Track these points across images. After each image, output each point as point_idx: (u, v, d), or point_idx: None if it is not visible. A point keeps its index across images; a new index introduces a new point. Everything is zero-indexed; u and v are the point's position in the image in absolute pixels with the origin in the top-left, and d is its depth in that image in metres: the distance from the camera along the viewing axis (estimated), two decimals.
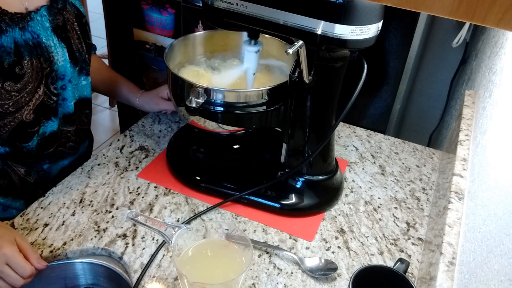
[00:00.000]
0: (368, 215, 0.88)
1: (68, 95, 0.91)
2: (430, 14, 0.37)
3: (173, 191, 0.90)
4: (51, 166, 0.96)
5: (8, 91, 0.79)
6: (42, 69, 0.83)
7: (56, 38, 0.85)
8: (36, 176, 0.94)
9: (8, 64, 0.77)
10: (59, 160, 0.97)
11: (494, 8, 0.34)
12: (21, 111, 0.82)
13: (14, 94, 0.80)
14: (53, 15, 0.85)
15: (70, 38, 0.89)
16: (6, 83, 0.78)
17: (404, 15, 1.28)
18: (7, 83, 0.78)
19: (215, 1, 0.75)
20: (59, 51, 0.86)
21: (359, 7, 0.65)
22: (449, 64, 1.54)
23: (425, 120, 1.69)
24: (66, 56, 0.87)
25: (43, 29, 0.83)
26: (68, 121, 0.94)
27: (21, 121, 0.83)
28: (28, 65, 0.80)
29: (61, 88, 0.89)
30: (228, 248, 0.70)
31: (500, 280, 0.45)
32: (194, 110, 0.77)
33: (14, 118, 0.82)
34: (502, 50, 0.89)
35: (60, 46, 0.86)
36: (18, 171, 0.90)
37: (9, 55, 0.77)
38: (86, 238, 0.79)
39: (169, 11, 1.93)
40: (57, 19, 0.86)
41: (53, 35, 0.85)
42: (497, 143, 0.67)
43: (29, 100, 0.83)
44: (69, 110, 0.93)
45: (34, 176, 0.93)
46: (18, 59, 0.78)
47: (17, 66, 0.78)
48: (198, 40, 0.98)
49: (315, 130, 0.83)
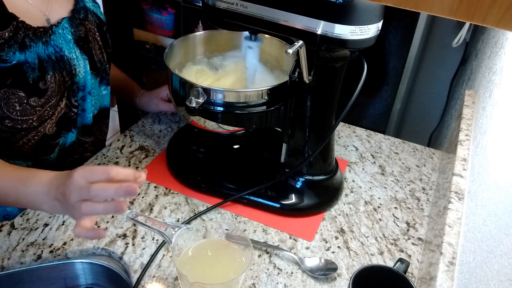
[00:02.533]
0: (368, 215, 0.88)
1: (87, 106, 0.90)
2: (430, 14, 0.37)
3: (173, 191, 0.90)
4: None
5: (33, 107, 0.78)
6: (64, 82, 0.82)
7: (78, 50, 0.85)
8: None
9: (32, 80, 0.76)
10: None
11: (494, 8, 0.34)
12: (44, 124, 0.82)
13: (38, 109, 0.79)
14: (75, 27, 0.84)
15: (92, 49, 0.89)
16: (31, 99, 0.77)
17: (404, 15, 1.28)
18: (32, 99, 0.77)
19: (215, 1, 0.75)
20: (81, 63, 0.85)
21: (359, 7, 0.65)
22: (449, 64, 1.54)
23: (425, 120, 1.70)
24: (87, 68, 0.87)
25: (65, 42, 0.82)
26: (86, 132, 0.94)
27: (43, 135, 0.83)
28: (52, 79, 0.79)
29: (81, 99, 0.89)
30: (228, 248, 0.70)
31: (500, 280, 0.45)
32: (194, 110, 0.77)
33: (37, 132, 0.82)
34: (502, 50, 0.89)
35: (82, 58, 0.85)
36: None
37: (34, 70, 0.76)
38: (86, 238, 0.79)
39: (169, 11, 1.93)
40: (79, 30, 0.85)
41: (75, 47, 0.84)
42: (497, 143, 0.67)
43: (52, 114, 0.82)
44: (87, 122, 0.93)
45: None
46: (41, 74, 0.77)
47: (40, 81, 0.77)
48: (198, 40, 0.98)
49: (315, 130, 0.83)
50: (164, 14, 1.93)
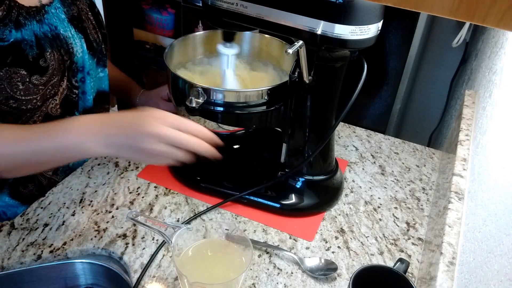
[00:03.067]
0: (368, 215, 0.88)
1: (87, 88, 0.90)
2: (430, 14, 0.37)
3: (173, 191, 0.90)
4: (74, 163, 0.96)
5: (36, 85, 0.79)
6: (64, 61, 0.83)
7: (73, 29, 0.85)
8: (63, 175, 0.94)
9: (32, 57, 0.77)
10: None
11: (494, 8, 0.34)
12: (46, 103, 0.82)
13: (41, 88, 0.79)
14: (67, 6, 0.85)
15: (86, 28, 0.89)
16: (33, 77, 0.78)
17: (404, 15, 1.28)
18: (34, 77, 0.78)
19: (215, 1, 0.75)
20: (77, 42, 0.86)
21: (359, 7, 0.65)
22: (449, 64, 1.54)
23: (425, 120, 1.70)
24: (84, 47, 0.87)
25: (59, 20, 0.83)
26: None
27: (46, 115, 0.83)
28: (51, 57, 0.80)
29: (80, 81, 0.89)
30: (228, 248, 0.70)
31: (500, 280, 0.45)
32: (194, 110, 0.77)
33: (41, 112, 0.82)
34: (502, 50, 0.89)
35: (78, 37, 0.86)
36: (46, 173, 0.91)
37: (32, 48, 0.77)
38: (86, 238, 0.79)
39: (169, 11, 1.93)
40: (72, 9, 0.86)
41: (70, 26, 0.85)
42: (497, 143, 0.67)
43: (55, 93, 0.83)
44: (89, 104, 0.93)
45: (62, 175, 0.94)
46: (40, 52, 0.78)
47: (40, 58, 0.78)
48: (198, 40, 0.98)
49: (315, 130, 0.83)
50: (164, 14, 1.93)
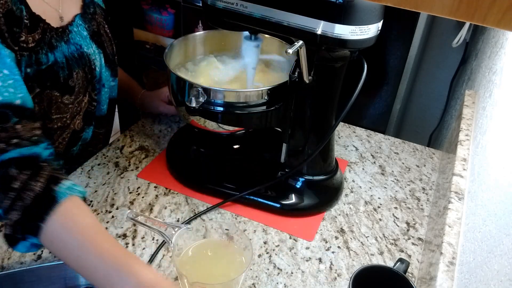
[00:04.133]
0: (368, 215, 0.88)
1: (102, 98, 0.93)
2: (430, 14, 0.37)
3: (173, 191, 0.90)
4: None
5: (66, 104, 0.81)
6: (87, 79, 0.86)
7: (94, 45, 0.87)
8: None
9: (63, 79, 0.79)
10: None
11: (494, 8, 0.34)
12: (74, 120, 0.86)
13: (70, 107, 0.83)
14: (88, 22, 0.86)
15: (104, 42, 0.91)
16: (64, 97, 0.80)
17: (404, 15, 1.28)
18: (65, 97, 0.80)
19: (215, 1, 0.75)
20: (97, 57, 0.88)
21: (359, 7, 0.65)
22: (449, 64, 1.54)
23: (425, 120, 1.70)
24: (102, 62, 0.89)
25: (82, 38, 0.84)
26: (101, 124, 0.97)
27: (73, 131, 0.87)
28: (77, 76, 0.82)
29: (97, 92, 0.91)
30: (228, 248, 0.70)
31: (500, 280, 0.45)
32: (194, 110, 0.77)
33: (69, 130, 0.85)
34: (502, 50, 0.89)
35: (98, 52, 0.88)
36: None
37: (63, 70, 0.79)
38: None
39: (169, 11, 1.93)
40: (92, 25, 0.87)
41: (91, 43, 0.86)
42: (497, 143, 0.67)
43: (80, 110, 0.86)
44: (102, 113, 0.95)
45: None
46: (69, 72, 0.80)
47: (70, 79, 0.80)
48: (198, 40, 0.98)
49: (315, 130, 0.83)
50: (164, 14, 1.93)
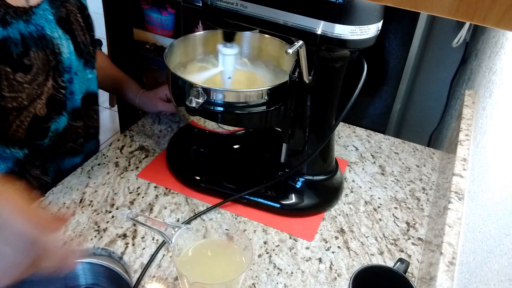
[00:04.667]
0: (368, 215, 0.88)
1: (75, 88, 0.91)
2: (430, 14, 0.37)
3: (173, 191, 0.90)
4: (63, 162, 0.96)
5: (20, 83, 0.79)
6: (49, 61, 0.84)
7: (60, 30, 0.86)
8: (53, 174, 0.94)
9: (16, 55, 0.78)
10: (69, 156, 0.97)
11: (494, 8, 0.34)
12: (34, 104, 0.83)
13: (26, 86, 0.80)
14: (56, 8, 0.85)
15: (74, 30, 0.89)
16: (17, 74, 0.79)
17: (404, 15, 1.28)
18: (18, 74, 0.79)
19: (215, 1, 0.75)
20: (64, 43, 0.86)
21: (359, 7, 0.65)
22: (449, 64, 1.54)
23: (425, 120, 1.69)
24: (71, 48, 0.88)
25: (47, 22, 0.83)
26: (77, 116, 0.95)
27: (35, 116, 0.84)
28: (35, 56, 0.81)
29: (68, 82, 0.89)
30: (228, 248, 0.70)
31: (500, 280, 0.45)
32: (194, 110, 0.77)
33: (28, 112, 0.83)
34: (502, 50, 0.89)
35: (64, 38, 0.86)
36: (33, 172, 0.90)
37: (17, 46, 0.78)
38: (86, 238, 0.79)
39: (169, 11, 1.93)
40: (61, 11, 0.86)
41: (57, 27, 0.85)
42: (497, 143, 0.67)
43: (41, 93, 0.83)
44: (77, 104, 0.93)
45: (52, 175, 0.94)
46: (25, 50, 0.79)
47: (25, 57, 0.79)
48: (198, 40, 0.98)
49: (315, 130, 0.83)
50: (164, 14, 1.92)
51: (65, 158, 0.96)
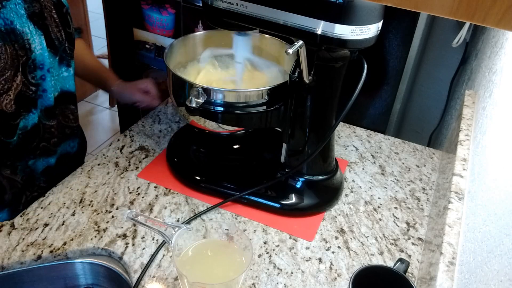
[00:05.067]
0: (368, 215, 0.88)
1: (47, 86, 0.88)
2: (430, 14, 0.37)
3: (173, 191, 0.90)
4: (36, 162, 0.94)
5: None
6: (18, 57, 0.81)
7: (32, 25, 0.83)
8: (22, 174, 0.91)
9: None
10: (43, 156, 0.95)
11: (494, 8, 0.34)
12: (0, 99, 0.80)
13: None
14: (29, 3, 0.83)
15: (48, 25, 0.87)
16: None
17: (404, 15, 1.28)
18: None
19: (215, 1, 0.75)
20: (36, 38, 0.84)
21: (359, 7, 0.65)
22: (449, 64, 1.54)
23: (425, 120, 1.69)
24: (43, 44, 0.85)
25: (17, 16, 0.81)
26: (50, 115, 0.92)
27: (1, 112, 0.81)
28: (2, 50, 0.78)
29: (40, 79, 0.87)
30: (228, 248, 0.70)
31: (500, 280, 0.45)
32: (194, 110, 0.77)
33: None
34: (502, 50, 0.89)
35: (37, 33, 0.84)
36: (4, 172, 0.88)
37: None
38: (86, 238, 0.79)
39: (169, 11, 1.93)
40: (33, 6, 0.83)
41: (28, 22, 0.82)
42: (497, 143, 0.67)
43: (8, 88, 0.81)
44: (50, 103, 0.91)
45: (21, 174, 0.91)
46: None
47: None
48: (198, 40, 0.98)
49: (315, 130, 0.83)
50: (164, 14, 1.93)
51: (38, 158, 0.94)
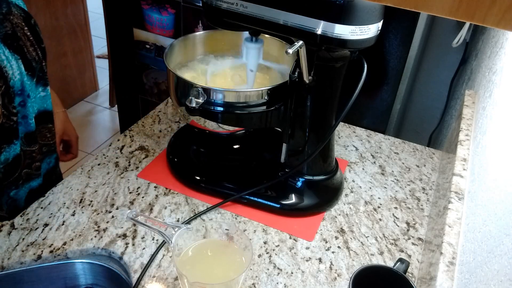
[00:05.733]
0: (368, 215, 0.88)
1: (28, 111, 0.81)
2: (430, 14, 0.37)
3: (173, 191, 0.90)
4: (18, 192, 0.87)
5: None
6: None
7: (7, 50, 0.75)
8: (6, 206, 0.85)
9: None
10: (25, 183, 0.88)
11: (494, 8, 0.34)
12: None
13: None
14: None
15: (23, 46, 0.79)
16: None
17: (404, 15, 1.28)
18: None
19: (215, 1, 0.75)
20: (13, 64, 0.76)
21: (359, 7, 0.65)
22: (449, 64, 1.54)
23: (425, 120, 1.69)
24: (22, 69, 0.78)
25: None
26: (31, 140, 0.85)
27: None
28: None
29: (19, 105, 0.79)
30: (228, 248, 0.70)
31: (500, 280, 0.45)
32: (194, 110, 0.77)
33: None
34: (502, 50, 0.89)
35: (13, 58, 0.76)
36: None
37: None
38: (86, 238, 0.79)
39: (169, 11, 1.93)
40: (5, 27, 0.75)
41: (3, 47, 0.74)
42: (497, 143, 0.67)
43: None
44: (31, 128, 0.83)
45: (4, 207, 0.85)
46: None
47: None
48: (198, 40, 0.98)
49: (315, 130, 0.83)
50: (164, 14, 1.93)
51: (21, 187, 0.87)
